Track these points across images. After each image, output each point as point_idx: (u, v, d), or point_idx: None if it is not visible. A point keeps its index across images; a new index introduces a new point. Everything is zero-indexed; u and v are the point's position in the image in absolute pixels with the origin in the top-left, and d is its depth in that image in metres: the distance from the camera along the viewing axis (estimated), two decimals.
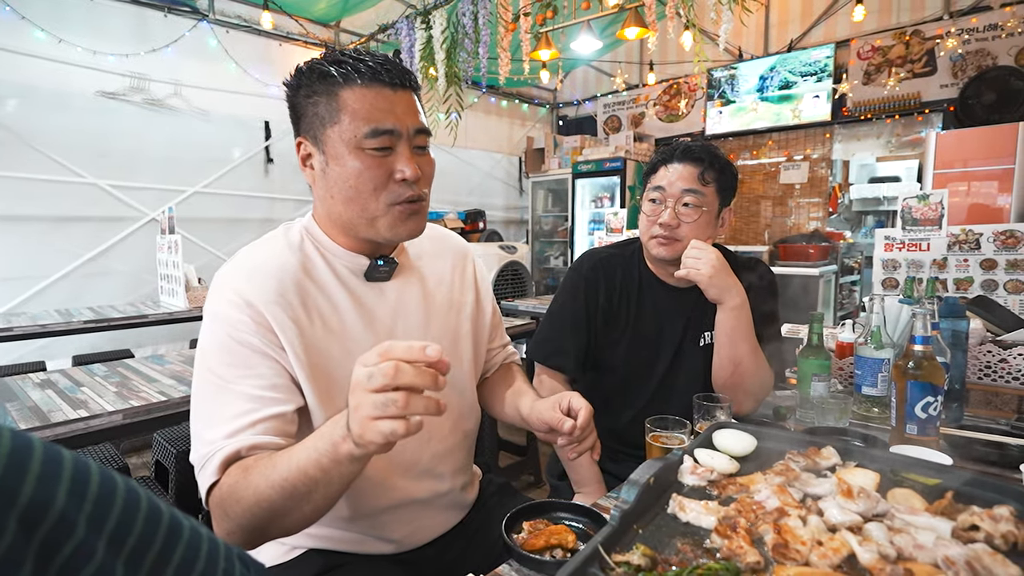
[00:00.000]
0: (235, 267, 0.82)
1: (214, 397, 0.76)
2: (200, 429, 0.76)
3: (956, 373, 1.20)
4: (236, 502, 0.69)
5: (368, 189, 0.80)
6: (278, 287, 0.79)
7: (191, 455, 0.77)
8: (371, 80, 0.78)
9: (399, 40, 4.11)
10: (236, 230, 4.25)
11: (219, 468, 0.72)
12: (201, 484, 0.74)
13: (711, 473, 0.83)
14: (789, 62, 5.19)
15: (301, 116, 0.82)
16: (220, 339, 0.77)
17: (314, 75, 0.80)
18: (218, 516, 0.72)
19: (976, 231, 2.10)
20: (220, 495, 0.71)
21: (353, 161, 0.79)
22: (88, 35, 3.46)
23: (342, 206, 0.82)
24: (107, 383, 1.64)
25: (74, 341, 3.27)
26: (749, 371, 1.20)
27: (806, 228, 5.14)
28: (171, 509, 0.36)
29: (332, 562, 0.88)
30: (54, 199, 3.40)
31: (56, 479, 0.29)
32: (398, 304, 0.90)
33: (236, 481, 0.70)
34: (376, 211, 0.81)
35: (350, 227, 0.84)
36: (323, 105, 0.79)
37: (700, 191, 1.21)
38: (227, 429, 0.74)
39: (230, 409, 0.75)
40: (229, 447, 0.72)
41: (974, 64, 4.29)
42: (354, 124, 0.78)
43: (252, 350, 0.77)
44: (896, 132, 4.93)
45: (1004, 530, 0.63)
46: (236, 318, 0.77)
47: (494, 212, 6.25)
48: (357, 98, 0.78)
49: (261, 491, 0.67)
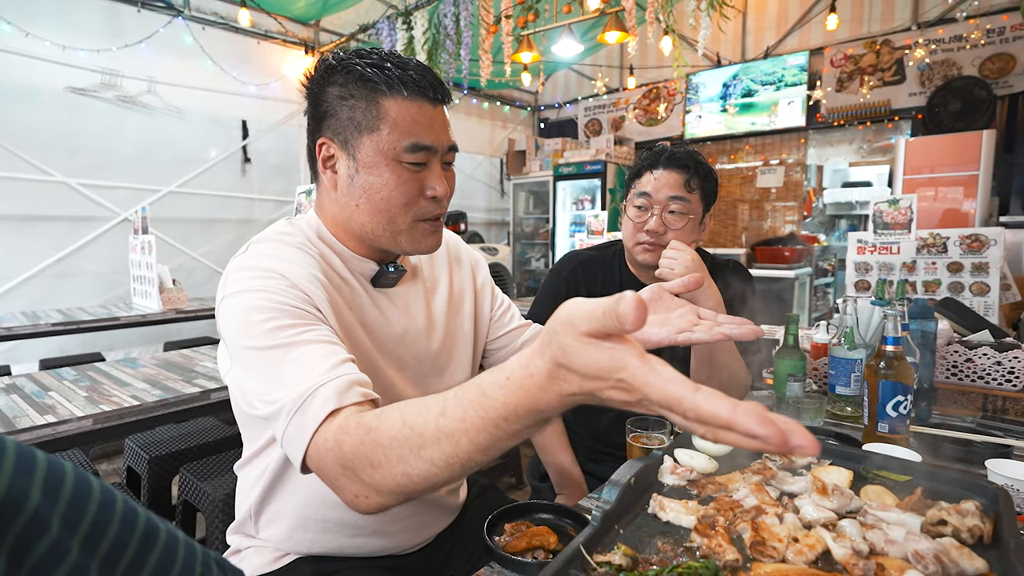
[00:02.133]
0: (253, 253, 0.76)
1: (278, 360, 0.65)
2: (274, 392, 0.63)
3: (925, 373, 1.23)
4: (373, 463, 0.55)
5: (400, 204, 0.77)
6: (307, 267, 0.75)
7: (262, 408, 0.65)
8: (416, 93, 0.76)
9: (380, 40, 4.08)
10: (212, 231, 4.17)
11: (334, 399, 0.60)
12: (302, 426, 0.60)
13: (691, 473, 0.84)
14: (751, 71, 5.32)
15: (329, 116, 0.77)
16: (259, 307, 0.68)
17: (352, 76, 0.76)
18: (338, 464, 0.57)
19: (943, 235, 2.17)
20: (334, 438, 0.58)
21: (388, 173, 0.76)
22: (57, 29, 3.37)
23: (367, 216, 0.78)
24: (76, 387, 1.59)
25: (41, 344, 3.17)
26: (725, 373, 1.22)
27: (782, 231, 5.25)
28: (147, 513, 0.35)
29: (322, 570, 0.86)
30: (21, 197, 3.30)
31: (29, 477, 0.29)
32: (403, 309, 0.89)
33: (367, 427, 0.56)
34: (402, 225, 0.79)
35: (370, 237, 0.81)
36: (362, 111, 0.75)
37: (686, 198, 1.23)
38: (323, 367, 0.63)
39: (306, 359, 0.64)
40: (341, 378, 0.62)
41: (940, 74, 4.43)
42: (394, 136, 0.75)
43: (301, 309, 0.70)
44: (868, 138, 5.07)
45: (970, 524, 0.65)
46: (272, 285, 0.71)
47: (475, 214, 6.25)
48: (401, 110, 0.75)
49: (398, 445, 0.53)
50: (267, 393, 0.64)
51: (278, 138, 4.45)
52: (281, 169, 4.54)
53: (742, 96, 5.39)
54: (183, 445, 1.75)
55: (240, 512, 0.91)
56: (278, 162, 4.51)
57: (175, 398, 1.52)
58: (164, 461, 1.68)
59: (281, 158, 4.52)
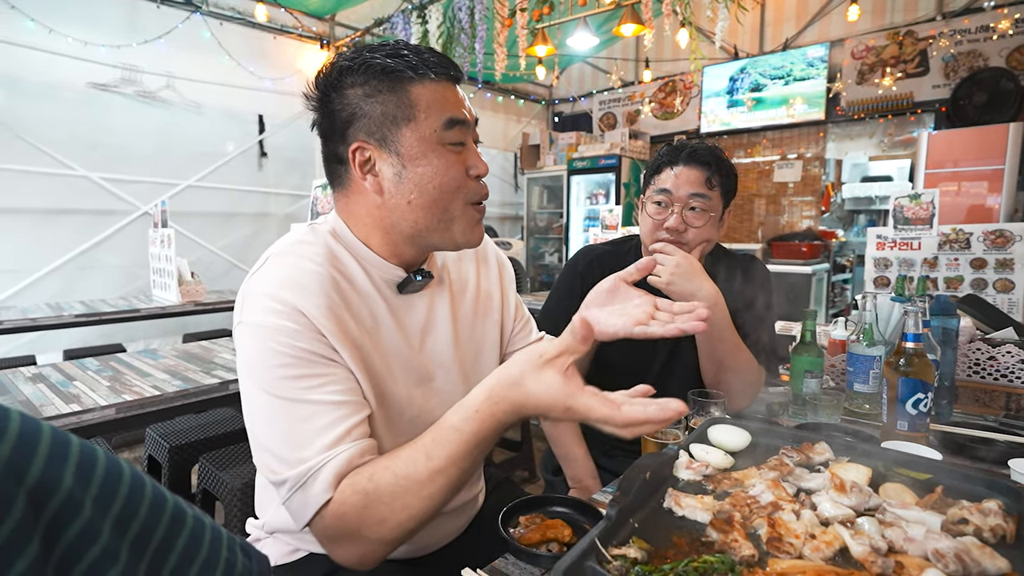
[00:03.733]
0: (267, 276, 0.74)
1: (289, 413, 0.68)
2: (277, 447, 0.68)
3: (946, 370, 1.21)
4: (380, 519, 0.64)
5: (452, 188, 0.76)
6: (321, 293, 0.72)
7: (266, 472, 0.69)
8: (440, 73, 0.76)
9: (395, 34, 4.09)
10: (230, 224, 4.22)
11: (332, 483, 0.65)
12: (304, 504, 0.66)
13: (706, 468, 0.84)
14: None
15: (358, 118, 0.74)
16: (274, 351, 0.69)
17: (373, 72, 0.74)
18: (336, 538, 0.66)
19: (966, 231, 2.13)
20: (334, 515, 0.65)
21: (436, 159, 0.74)
22: (79, 25, 3.42)
23: (421, 211, 0.76)
24: (100, 377, 1.63)
25: (64, 335, 3.24)
26: (731, 370, 1.20)
27: (799, 226, 5.18)
28: (175, 498, 0.36)
29: (336, 565, 0.84)
30: (44, 192, 3.36)
31: (63, 460, 0.30)
32: (427, 317, 0.86)
33: (362, 492, 0.64)
34: (456, 211, 0.77)
35: (420, 235, 0.78)
36: (393, 103, 0.73)
37: (707, 195, 1.21)
38: (323, 442, 0.67)
39: (317, 421, 0.68)
40: (338, 458, 0.66)
41: (966, 65, 4.33)
42: (431, 120, 0.74)
43: (316, 356, 0.70)
44: (888, 132, 4.97)
45: (993, 524, 0.65)
46: (287, 326, 0.69)
47: (489, 208, 6.21)
48: (430, 93, 0.75)
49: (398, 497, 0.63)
50: (274, 449, 0.68)
51: (293, 133, 4.48)
52: (297, 163, 4.57)
53: (749, 91, 5.32)
54: (202, 435, 1.78)
55: (259, 503, 0.92)
56: (294, 156, 4.55)
57: (194, 388, 1.54)
58: (184, 450, 1.71)
59: (297, 152, 4.56)
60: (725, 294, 1.20)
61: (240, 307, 0.74)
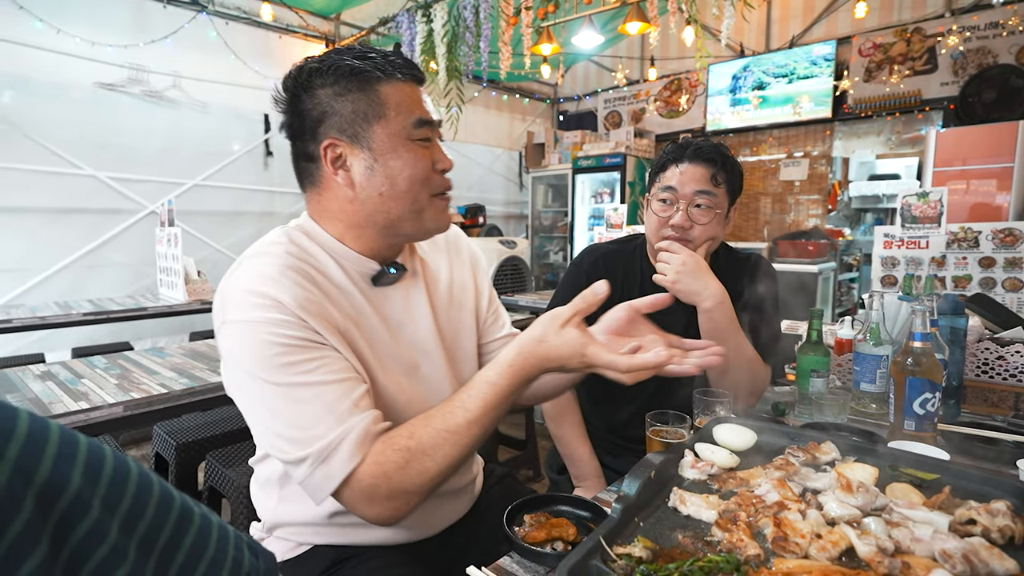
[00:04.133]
0: (244, 275, 0.76)
1: (294, 397, 0.71)
2: (288, 430, 0.71)
3: (954, 370, 1.21)
4: (422, 470, 0.70)
5: (420, 180, 0.80)
6: (297, 286, 0.75)
7: (281, 455, 0.72)
8: (406, 75, 0.80)
9: (400, 33, 4.09)
10: (236, 223, 4.23)
11: (355, 452, 0.69)
12: (327, 477, 0.69)
13: (711, 467, 0.84)
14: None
15: (328, 116, 0.78)
16: (266, 342, 0.71)
17: (342, 72, 0.77)
18: (373, 497, 0.70)
19: (975, 229, 2.11)
20: (375, 474, 0.70)
21: (406, 153, 0.79)
22: (87, 26, 3.44)
23: (393, 201, 0.80)
24: (108, 375, 1.64)
25: (73, 333, 3.27)
26: (736, 369, 1.20)
27: (805, 225, 5.15)
28: (182, 496, 0.36)
29: (341, 555, 0.88)
30: (52, 191, 3.39)
31: (72, 459, 0.30)
32: (405, 309, 0.89)
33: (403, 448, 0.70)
34: (424, 202, 0.82)
35: (393, 225, 0.82)
36: (364, 102, 0.78)
37: (712, 192, 1.21)
38: (334, 416, 0.71)
39: (322, 400, 0.71)
40: (358, 426, 0.70)
41: (975, 62, 4.29)
42: (400, 117, 0.79)
43: (306, 342, 0.73)
44: (896, 130, 4.94)
45: (1001, 524, 0.64)
46: (274, 318, 0.72)
47: (494, 207, 6.24)
48: (398, 92, 0.79)
49: (439, 447, 0.71)
50: (285, 433, 0.71)
51: None
52: None
53: (753, 89, 5.30)
54: (209, 432, 1.79)
55: (258, 504, 0.94)
56: None
57: (201, 386, 1.55)
58: (191, 448, 1.73)
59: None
60: (730, 292, 1.20)
61: (222, 308, 0.76)
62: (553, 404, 1.32)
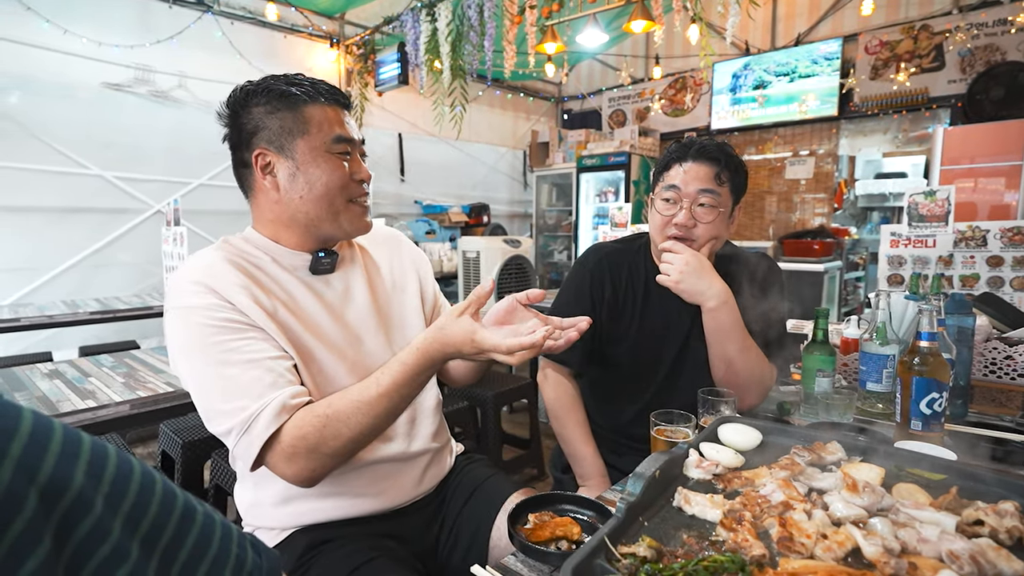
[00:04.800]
0: (185, 269, 0.89)
1: (220, 373, 0.81)
2: (218, 404, 0.81)
3: (961, 369, 1.20)
4: (328, 436, 0.79)
5: (336, 187, 0.92)
6: (232, 278, 0.87)
7: (214, 428, 0.82)
8: (330, 99, 0.93)
9: (404, 32, 4.09)
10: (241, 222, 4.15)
11: (274, 418, 0.78)
12: (248, 444, 0.79)
13: (716, 467, 0.83)
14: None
15: (260, 129, 0.91)
16: (200, 324, 0.82)
17: (274, 94, 0.91)
18: (293, 456, 0.79)
19: (983, 228, 2.09)
20: (295, 436, 0.78)
21: (324, 163, 0.91)
22: (93, 26, 3.46)
23: (311, 204, 0.92)
24: (114, 374, 1.65)
25: (80, 332, 3.29)
26: (741, 369, 1.19)
27: (811, 224, 5.12)
28: (185, 494, 0.37)
29: (317, 538, 0.93)
30: (60, 190, 3.41)
31: (75, 458, 0.30)
32: (344, 291, 1.00)
33: (320, 415, 0.79)
34: (340, 207, 0.93)
35: (314, 224, 0.93)
36: (290, 120, 0.90)
37: (716, 191, 1.20)
38: (255, 390, 0.80)
39: (246, 375, 0.81)
40: (275, 400, 0.79)
41: (983, 59, 4.25)
42: (321, 134, 0.91)
43: (235, 323, 0.84)
44: (903, 128, 4.91)
45: (1009, 525, 0.64)
46: (206, 302, 0.83)
47: (498, 206, 6.24)
48: (321, 113, 0.92)
49: (352, 416, 0.80)
50: (215, 406, 0.81)
51: None
52: None
53: (753, 88, 5.28)
54: None
55: (240, 502, 1.00)
56: None
57: None
58: (197, 446, 1.73)
59: None
60: (735, 292, 1.20)
61: (167, 298, 0.89)
62: (557, 403, 1.32)
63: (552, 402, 1.33)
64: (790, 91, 5.12)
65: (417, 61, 4.08)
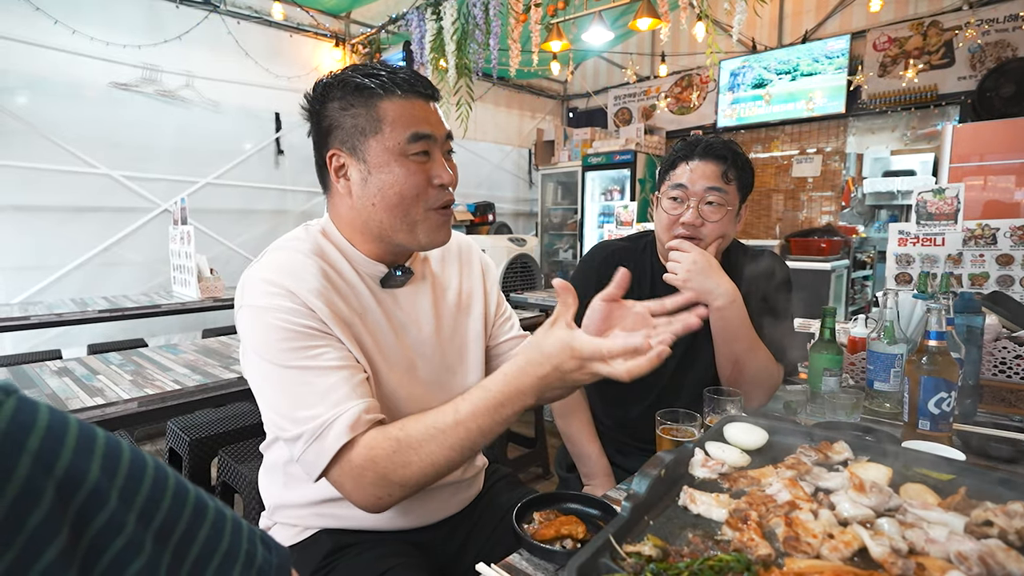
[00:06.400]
0: (264, 265, 0.83)
1: (296, 379, 0.77)
2: (288, 410, 0.76)
3: (970, 369, 1.19)
4: (399, 463, 0.72)
5: (412, 195, 0.84)
6: (313, 283, 0.81)
7: (281, 432, 0.77)
8: (409, 91, 0.84)
9: (409, 31, 4.09)
10: (248, 221, 4.27)
11: (345, 432, 0.73)
12: (319, 453, 0.74)
13: (722, 466, 0.83)
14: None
15: (334, 128, 0.84)
16: (276, 326, 0.77)
17: (349, 88, 0.83)
18: (360, 479, 0.74)
19: (992, 226, 2.07)
20: (364, 457, 0.73)
21: (398, 168, 0.83)
22: (101, 26, 3.48)
23: (384, 213, 0.85)
24: (122, 371, 1.66)
25: (88, 330, 3.31)
26: (748, 368, 1.19)
27: (818, 222, 5.09)
28: (197, 489, 0.37)
29: (342, 541, 0.91)
30: (68, 189, 3.44)
31: (90, 452, 0.30)
32: (410, 311, 0.94)
33: (393, 438, 0.73)
34: (416, 216, 0.85)
35: (387, 234, 0.86)
36: (363, 117, 0.83)
37: (723, 189, 1.20)
38: (332, 398, 0.75)
39: (322, 383, 0.76)
40: (350, 411, 0.74)
41: (993, 56, 4.21)
42: (396, 132, 0.82)
43: (312, 330, 0.79)
44: (912, 125, 4.86)
45: (1018, 526, 0.63)
46: (284, 305, 0.79)
47: (503, 204, 6.24)
48: (397, 108, 0.83)
49: (424, 444, 0.72)
50: (286, 412, 0.76)
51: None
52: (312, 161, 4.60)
53: (760, 86, 5.25)
54: (222, 428, 1.81)
55: (264, 490, 0.99)
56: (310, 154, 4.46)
57: (214, 383, 1.57)
58: (204, 444, 1.75)
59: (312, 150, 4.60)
60: (742, 291, 1.19)
61: (240, 293, 0.83)
62: (562, 402, 1.32)
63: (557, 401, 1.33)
64: (797, 88, 5.08)
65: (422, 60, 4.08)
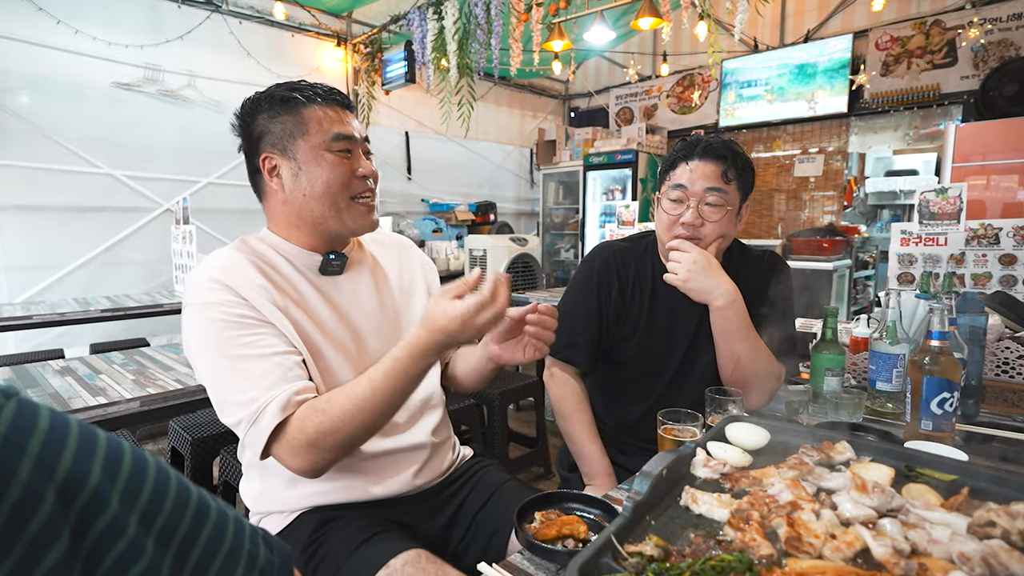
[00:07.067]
0: (202, 267, 0.93)
1: (233, 367, 0.84)
2: (230, 396, 0.85)
3: (973, 369, 1.18)
4: (326, 431, 0.81)
5: (338, 184, 0.95)
6: (247, 276, 0.91)
7: (226, 418, 0.85)
8: (328, 100, 0.96)
9: (411, 31, 4.09)
10: (249, 220, 4.27)
11: (278, 413, 0.81)
12: (257, 435, 0.82)
13: (724, 466, 0.83)
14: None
15: (265, 135, 0.95)
16: (215, 319, 0.86)
17: (275, 100, 0.95)
18: (296, 449, 0.82)
19: (995, 226, 2.07)
20: (297, 430, 0.82)
21: (324, 162, 0.94)
22: (103, 26, 3.49)
23: (315, 202, 0.95)
24: (124, 371, 1.67)
25: (91, 329, 3.32)
26: (749, 368, 1.19)
27: (820, 222, 5.08)
28: (199, 490, 0.37)
29: (326, 516, 0.97)
30: (71, 189, 3.45)
31: (91, 455, 0.30)
32: (352, 294, 1.03)
33: (320, 410, 0.82)
34: (342, 204, 0.96)
35: (318, 222, 0.97)
36: (290, 122, 0.94)
37: (723, 189, 1.19)
38: (265, 383, 0.83)
39: (257, 368, 0.84)
40: (282, 394, 0.83)
41: (996, 55, 4.19)
42: (320, 132, 0.94)
43: (250, 320, 0.87)
44: (914, 124, 4.85)
45: (1021, 527, 0.63)
46: (222, 299, 0.87)
47: (505, 204, 6.24)
48: (319, 114, 0.95)
49: (348, 411, 0.82)
50: (230, 399, 0.85)
51: None
52: None
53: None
54: (223, 428, 1.80)
55: (246, 494, 1.04)
56: None
57: None
58: (206, 443, 1.75)
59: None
60: (743, 291, 1.19)
61: (185, 295, 0.93)
62: (563, 402, 1.32)
63: (558, 401, 1.33)
64: (799, 88, 5.08)
65: (424, 59, 4.08)
